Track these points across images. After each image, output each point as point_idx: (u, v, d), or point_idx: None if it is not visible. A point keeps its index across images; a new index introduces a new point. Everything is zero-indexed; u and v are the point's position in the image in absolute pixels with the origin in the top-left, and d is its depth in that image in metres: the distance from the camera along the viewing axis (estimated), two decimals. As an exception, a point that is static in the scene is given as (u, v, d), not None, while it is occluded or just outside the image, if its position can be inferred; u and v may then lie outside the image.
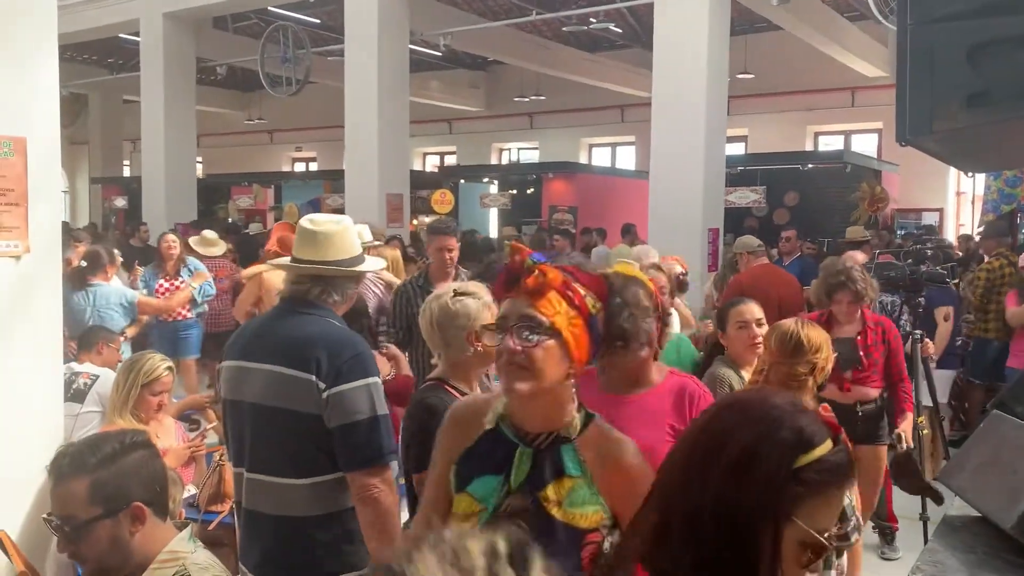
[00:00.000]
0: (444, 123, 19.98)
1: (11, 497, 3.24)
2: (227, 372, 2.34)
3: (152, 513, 1.85)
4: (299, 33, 11.76)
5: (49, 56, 3.35)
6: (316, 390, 2.13)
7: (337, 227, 2.38)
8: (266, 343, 2.26)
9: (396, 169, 11.13)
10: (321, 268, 2.32)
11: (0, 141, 3.19)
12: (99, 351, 4.26)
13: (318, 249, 2.34)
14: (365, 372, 2.16)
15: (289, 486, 2.16)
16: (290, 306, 2.32)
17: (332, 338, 2.21)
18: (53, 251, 3.42)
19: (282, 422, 2.17)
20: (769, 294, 5.70)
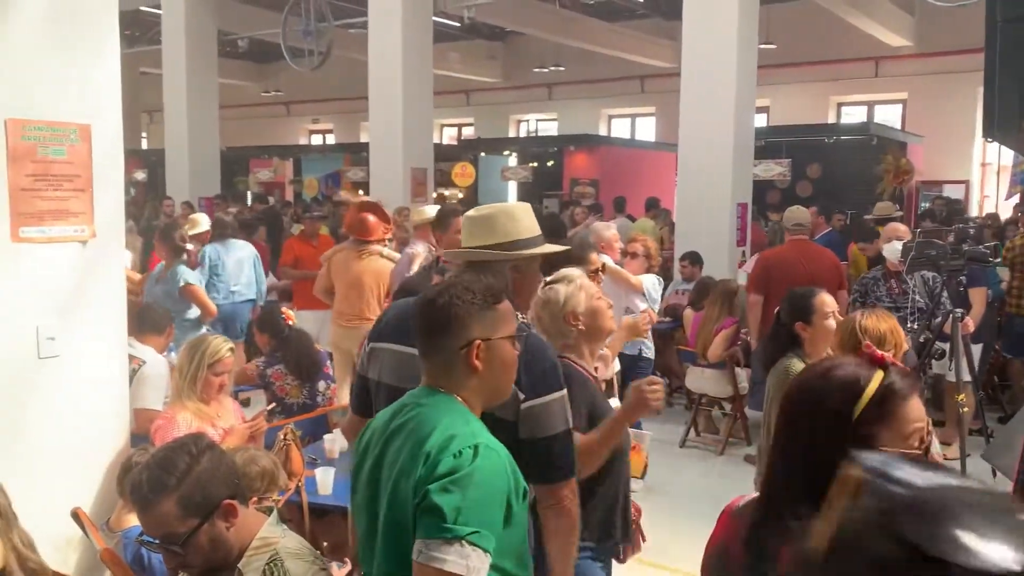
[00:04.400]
0: (462, 94, 19.89)
1: (82, 475, 3.35)
2: (389, 356, 2.26)
3: (239, 504, 1.93)
4: (321, 6, 11.70)
5: (111, 44, 3.39)
6: (515, 398, 2.04)
7: (487, 212, 2.35)
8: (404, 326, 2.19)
9: (420, 143, 11.13)
10: (474, 252, 2.30)
11: (67, 128, 3.25)
12: (168, 333, 4.32)
13: (472, 235, 2.32)
14: (556, 384, 2.12)
15: None
16: None
17: (526, 344, 2.05)
18: (117, 235, 3.49)
19: None
20: (796, 270, 5.70)
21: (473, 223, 2.36)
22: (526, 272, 2.33)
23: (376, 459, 1.72)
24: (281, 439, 3.29)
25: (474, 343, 1.72)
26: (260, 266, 7.32)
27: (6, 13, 3.05)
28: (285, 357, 4.48)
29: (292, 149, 20.21)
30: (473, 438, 1.61)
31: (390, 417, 1.76)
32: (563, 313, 2.61)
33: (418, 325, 1.79)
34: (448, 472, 1.55)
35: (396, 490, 1.63)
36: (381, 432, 1.75)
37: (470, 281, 1.83)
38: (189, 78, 13.01)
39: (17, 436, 3.15)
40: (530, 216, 2.37)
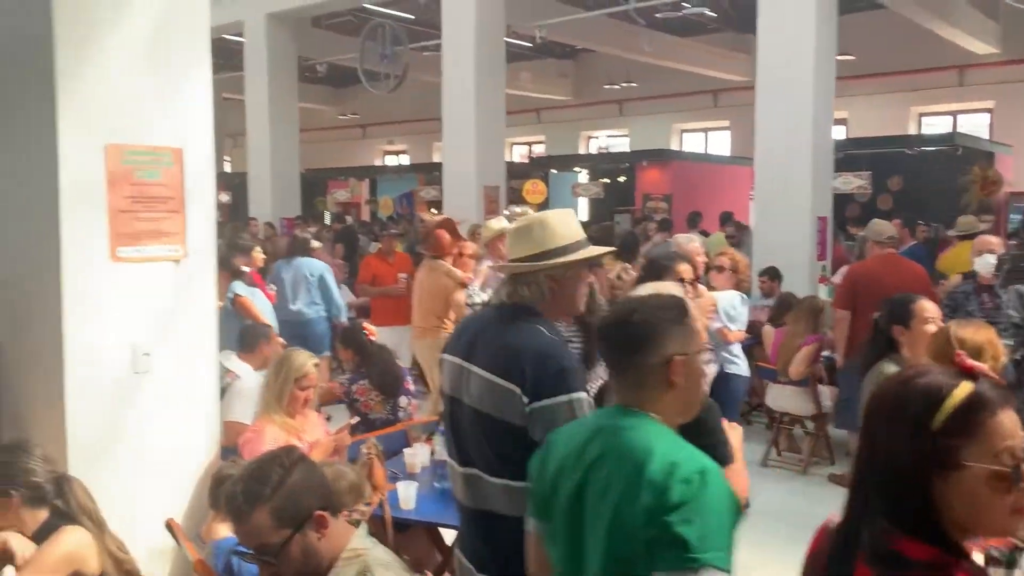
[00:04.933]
0: (532, 112, 20.02)
1: (174, 487, 3.46)
2: (448, 367, 2.38)
3: (330, 515, 1.97)
4: (397, 30, 11.96)
5: (204, 71, 3.53)
6: (521, 403, 2.14)
7: (523, 223, 2.38)
8: (482, 346, 2.29)
9: (492, 161, 11.24)
10: (510, 266, 2.35)
11: (161, 152, 3.39)
12: (260, 350, 4.45)
13: (512, 247, 2.36)
14: (566, 387, 2.14)
15: (503, 486, 2.21)
16: (504, 310, 2.34)
17: (536, 347, 2.18)
18: (208, 254, 3.61)
19: (496, 428, 2.21)
20: (884, 284, 5.51)
21: (512, 236, 2.41)
22: (564, 280, 2.33)
23: (578, 485, 1.70)
24: (364, 453, 3.34)
25: (673, 359, 1.71)
26: (330, 284, 7.36)
27: (106, 45, 3.21)
28: (369, 373, 4.55)
29: (368, 170, 20.64)
30: (696, 463, 1.59)
31: (584, 442, 1.73)
32: None
33: (612, 343, 1.78)
34: (682, 501, 1.53)
35: (617, 519, 1.60)
36: (577, 457, 1.73)
37: (659, 297, 1.84)
38: (271, 103, 13.43)
39: (114, 448, 3.28)
40: (565, 223, 2.37)
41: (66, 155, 3.11)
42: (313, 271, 7.28)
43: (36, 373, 3.26)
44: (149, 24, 3.33)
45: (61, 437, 3.10)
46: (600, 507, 1.64)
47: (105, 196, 3.22)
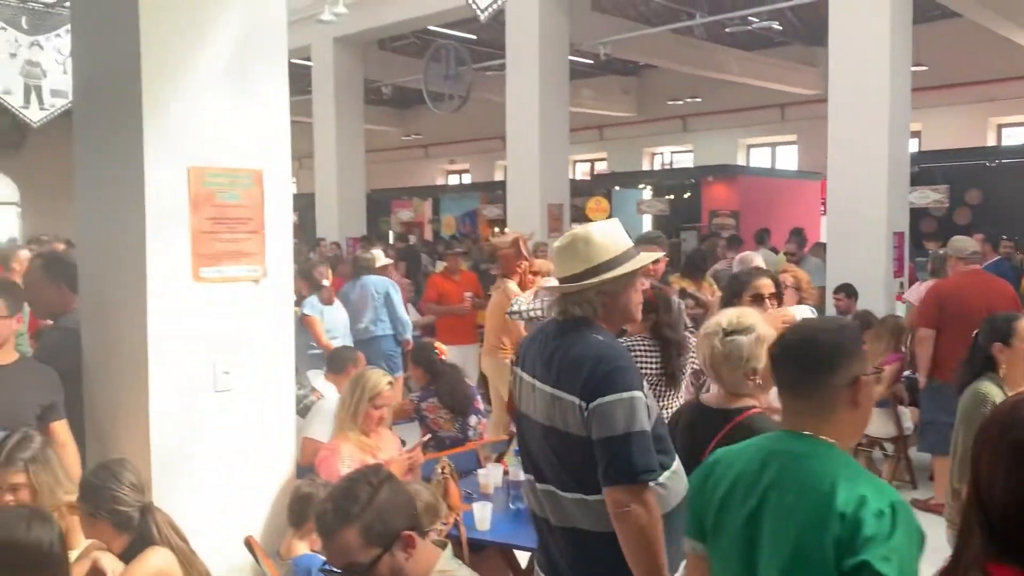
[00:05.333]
0: (595, 130, 19.97)
1: (252, 504, 3.49)
2: (519, 384, 2.40)
3: (417, 535, 1.95)
4: (460, 50, 12.08)
5: (282, 94, 3.60)
6: (580, 411, 2.14)
7: (566, 241, 2.37)
8: (544, 361, 2.29)
9: (556, 178, 11.24)
10: (558, 287, 2.36)
11: (241, 174, 3.46)
12: (348, 372, 4.52)
13: (558, 266, 2.37)
14: (622, 386, 2.13)
15: (580, 501, 2.19)
16: (563, 323, 2.34)
17: (592, 354, 2.19)
18: (286, 274, 3.66)
19: (561, 441, 2.21)
20: (971, 302, 5.32)
21: (557, 254, 2.39)
22: (615, 292, 2.31)
23: (753, 510, 1.69)
24: (439, 472, 3.33)
25: (859, 379, 1.71)
26: (396, 301, 7.38)
27: (188, 72, 3.29)
28: (439, 391, 4.56)
29: (431, 189, 20.83)
30: (884, 496, 1.60)
31: (758, 466, 1.73)
32: (744, 369, 2.53)
33: (797, 364, 1.76)
34: (875, 535, 1.54)
35: (801, 547, 1.61)
36: (751, 481, 1.72)
37: (834, 319, 1.91)
38: (338, 125, 13.70)
39: (195, 465, 3.33)
40: (610, 235, 2.33)
41: (152, 178, 3.19)
42: (378, 289, 7.34)
43: (123, 391, 3.34)
44: (229, 51, 3.40)
45: (146, 454, 3.16)
46: (780, 533, 1.64)
47: (188, 218, 3.29)
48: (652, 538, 2.09)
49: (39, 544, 2.18)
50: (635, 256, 2.33)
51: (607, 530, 2.14)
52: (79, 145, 3.62)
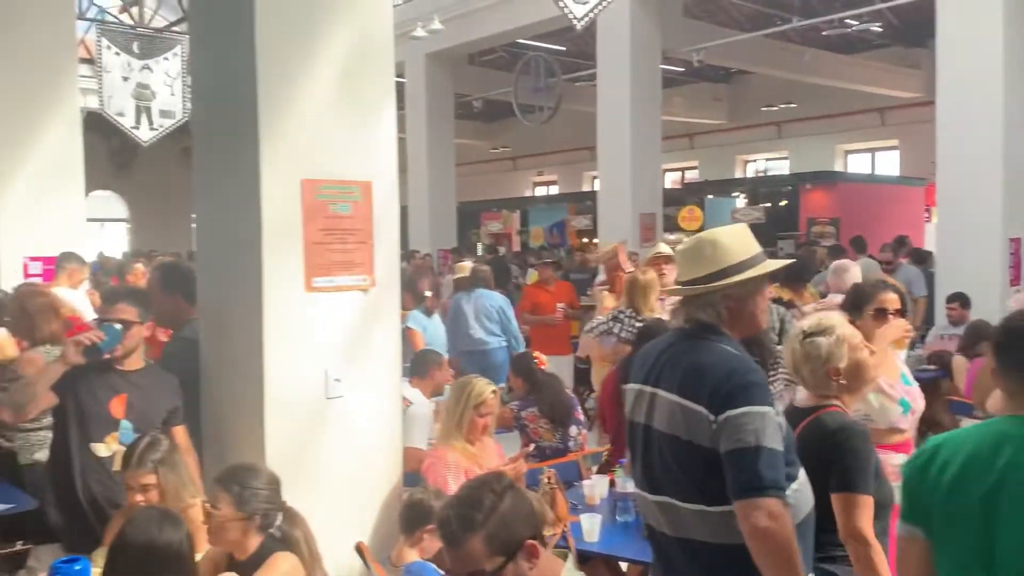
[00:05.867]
0: (685, 138, 19.74)
1: (362, 510, 3.55)
2: (630, 394, 2.36)
3: (540, 545, 1.93)
4: (550, 62, 12.13)
5: (389, 109, 3.67)
6: (708, 422, 2.09)
7: (692, 243, 2.34)
8: (667, 369, 2.25)
9: (648, 188, 11.15)
10: (682, 289, 2.30)
11: (352, 186, 3.53)
12: (432, 376, 4.57)
13: (682, 269, 2.33)
14: (751, 399, 2.07)
15: (700, 512, 2.14)
16: (687, 331, 2.30)
17: (722, 365, 2.14)
18: (393, 284, 3.72)
19: (684, 452, 2.16)
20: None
21: (681, 257, 2.36)
22: (743, 297, 2.25)
23: (990, 491, 1.71)
24: (545, 483, 3.31)
25: None
26: (510, 315, 7.35)
27: (302, 89, 3.39)
28: (539, 400, 4.55)
29: (519, 201, 20.95)
30: None
31: (991, 450, 1.74)
32: (824, 369, 2.57)
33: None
34: None
35: None
36: (986, 464, 1.73)
37: None
38: (429, 139, 13.94)
39: (307, 471, 3.40)
40: (739, 238, 2.29)
41: (267, 191, 3.29)
42: (493, 302, 7.31)
43: (240, 397, 3.44)
44: (340, 67, 3.49)
45: (261, 459, 3.23)
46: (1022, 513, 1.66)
47: (301, 229, 3.38)
48: (786, 550, 2.01)
49: (170, 544, 2.26)
50: (763, 262, 2.28)
51: (728, 542, 2.08)
52: (198, 160, 3.77)
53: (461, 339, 7.27)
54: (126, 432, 3.16)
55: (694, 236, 2.39)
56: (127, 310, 3.19)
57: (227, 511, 2.50)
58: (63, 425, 3.21)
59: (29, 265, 6.64)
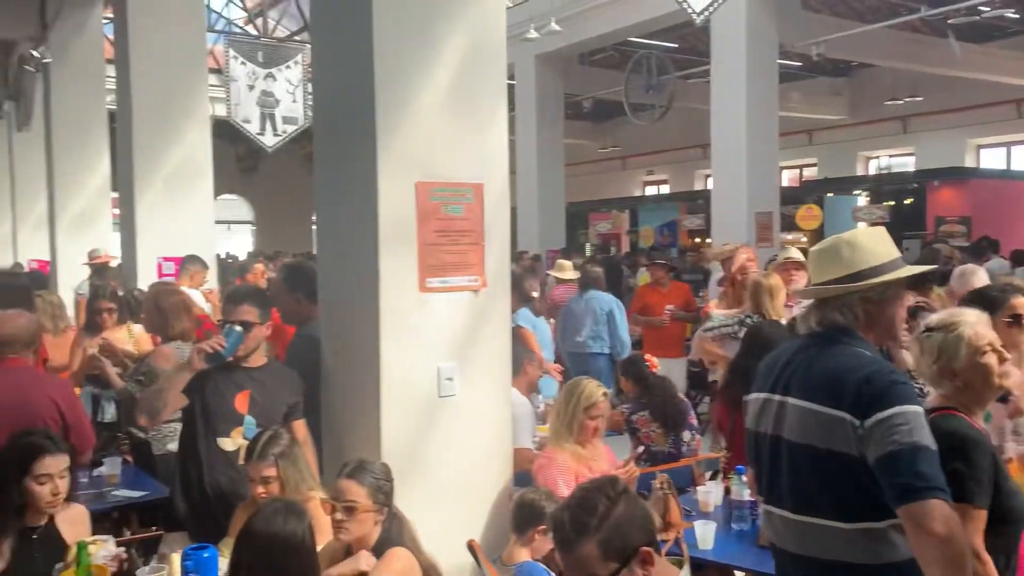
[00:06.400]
0: (803, 135, 19.07)
1: (473, 509, 3.58)
2: (755, 403, 2.30)
3: (654, 551, 1.89)
4: (663, 59, 11.96)
5: (501, 111, 3.69)
6: (851, 428, 2.00)
7: (828, 244, 2.26)
8: (798, 376, 2.18)
9: (764, 186, 10.82)
10: (817, 289, 2.23)
11: (464, 188, 3.57)
12: (525, 373, 4.59)
13: (816, 271, 2.25)
14: (900, 399, 1.98)
15: (833, 529, 2.06)
16: (820, 335, 2.21)
17: (862, 367, 2.05)
18: (503, 284, 3.75)
19: (819, 462, 2.07)
20: None
21: (816, 258, 2.28)
22: (881, 302, 2.16)
23: None
24: (658, 488, 3.26)
25: None
26: (618, 320, 7.24)
27: (417, 93, 3.45)
28: (650, 404, 4.49)
29: (628, 201, 20.76)
30: None
31: None
32: (937, 367, 2.32)
33: None
34: None
35: None
36: None
37: None
38: (539, 140, 14.00)
39: (420, 467, 3.46)
40: (878, 241, 2.22)
41: (384, 194, 3.37)
42: (603, 306, 7.22)
43: (357, 393, 3.54)
44: (455, 71, 3.53)
45: (377, 456, 3.31)
46: None
47: (415, 231, 3.45)
48: (962, 556, 1.89)
49: (293, 535, 2.34)
50: (902, 266, 2.18)
51: (863, 562, 1.98)
52: (318, 164, 3.90)
53: (568, 340, 7.25)
54: (250, 427, 3.31)
55: (831, 236, 2.31)
56: (249, 311, 3.34)
57: (366, 503, 2.59)
58: (191, 420, 3.39)
59: (163, 265, 7.05)
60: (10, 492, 2.78)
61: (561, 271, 8.18)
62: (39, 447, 2.84)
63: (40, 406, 3.32)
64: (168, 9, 7.28)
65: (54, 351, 5.34)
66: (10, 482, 2.78)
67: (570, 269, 8.27)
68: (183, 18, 7.40)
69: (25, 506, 2.80)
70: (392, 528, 2.69)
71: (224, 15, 15.57)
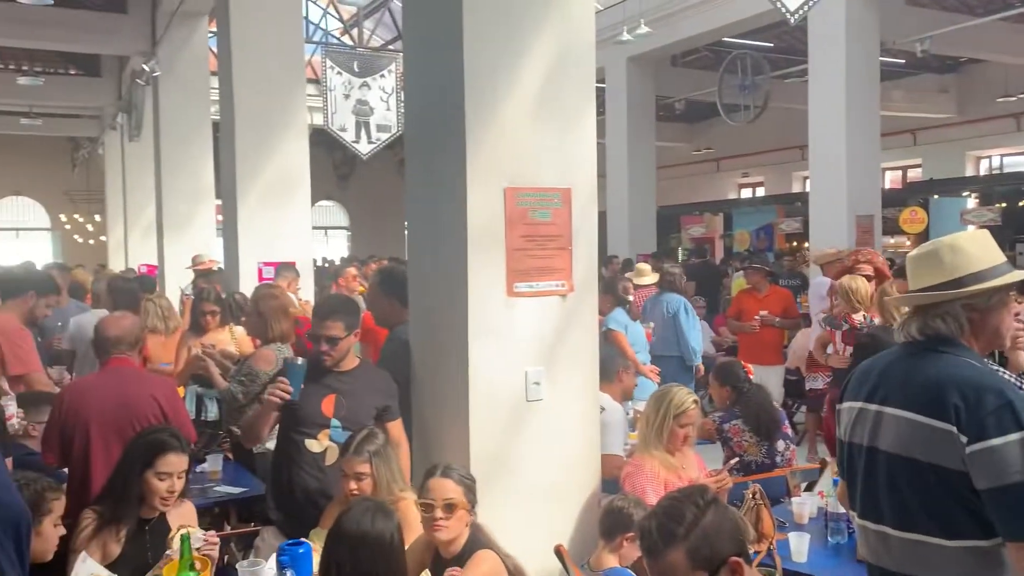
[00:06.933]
0: (907, 134, 18.30)
1: (561, 514, 3.57)
2: (848, 413, 2.22)
3: (744, 562, 1.84)
4: (758, 59, 11.69)
5: (589, 116, 3.69)
6: (958, 443, 1.91)
7: (929, 248, 2.16)
8: (896, 385, 2.09)
9: (865, 188, 10.43)
10: (916, 296, 2.13)
11: (552, 193, 3.58)
12: (619, 379, 4.55)
13: (915, 276, 2.15)
14: (1012, 425, 1.87)
15: (935, 547, 1.97)
16: (921, 343, 2.12)
17: (972, 382, 1.94)
18: (591, 289, 3.73)
19: (920, 476, 1.99)
20: None
21: (915, 263, 2.17)
22: (986, 309, 2.06)
23: None
24: (750, 498, 3.18)
25: None
26: (682, 323, 7.06)
27: (505, 96, 3.47)
28: (745, 412, 4.38)
29: (722, 204, 20.34)
30: None
31: None
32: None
33: None
34: None
35: None
36: None
37: None
38: (629, 143, 13.87)
39: (507, 471, 3.48)
40: (981, 245, 2.10)
41: (473, 199, 3.41)
42: (670, 307, 7.12)
43: (446, 397, 3.58)
44: (543, 76, 3.54)
45: (466, 459, 3.35)
46: None
47: (503, 236, 3.47)
48: None
49: (382, 534, 2.39)
50: (1009, 271, 2.07)
51: None
52: (409, 170, 3.97)
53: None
54: (336, 429, 3.39)
55: (932, 241, 2.20)
56: (334, 327, 3.43)
57: (463, 501, 2.63)
58: (283, 423, 3.50)
59: (263, 269, 7.31)
60: (133, 483, 2.92)
61: (640, 276, 8.07)
62: (165, 444, 2.97)
63: (143, 404, 3.47)
64: (269, 22, 7.55)
65: (164, 350, 5.61)
66: (134, 474, 2.93)
67: (649, 273, 8.16)
68: (283, 31, 7.66)
69: (143, 499, 2.94)
70: (477, 531, 2.71)
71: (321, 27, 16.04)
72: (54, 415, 3.47)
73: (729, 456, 4.28)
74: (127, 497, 2.91)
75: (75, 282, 8.40)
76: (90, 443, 3.38)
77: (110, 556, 2.85)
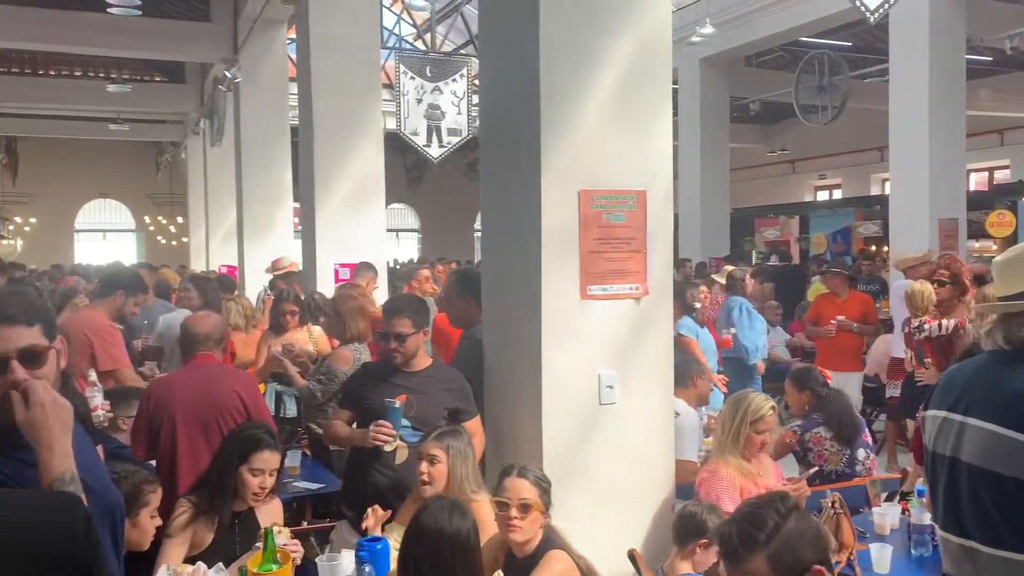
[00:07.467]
0: (994, 135, 17.61)
1: (634, 518, 3.56)
2: (932, 422, 2.17)
3: (826, 571, 1.81)
4: (836, 59, 11.41)
5: (665, 118, 3.66)
6: None
7: (1014, 253, 2.09)
8: (982, 395, 2.03)
9: (949, 190, 10.07)
10: (1001, 304, 2.06)
11: (626, 196, 3.56)
12: (694, 385, 4.50)
13: (1001, 283, 2.08)
14: None
15: (1018, 563, 1.91)
16: (1008, 353, 2.05)
17: None
18: (666, 292, 3.70)
19: (1003, 489, 1.93)
20: None
21: (1001, 268, 2.10)
22: None
23: None
24: (829, 507, 3.11)
25: None
26: (734, 321, 6.99)
27: (581, 98, 3.48)
28: (826, 418, 4.27)
29: (798, 206, 19.91)
30: None
31: None
32: None
33: None
34: None
35: None
36: None
37: None
38: (703, 145, 13.70)
39: (581, 474, 3.47)
40: None
41: (547, 201, 3.42)
42: (726, 308, 7.15)
43: (521, 397, 3.60)
44: (618, 80, 3.53)
45: (538, 461, 3.36)
46: None
47: (577, 238, 3.47)
48: None
49: (459, 532, 2.42)
50: None
51: None
52: (484, 173, 4.01)
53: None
54: (406, 429, 3.44)
55: (1018, 245, 2.13)
56: (401, 323, 3.50)
57: (538, 502, 2.66)
58: (357, 422, 3.57)
59: (340, 270, 7.47)
60: (228, 477, 3.02)
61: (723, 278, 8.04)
62: (261, 441, 3.07)
63: (226, 398, 3.58)
64: (345, 29, 7.71)
65: (245, 348, 5.79)
66: (230, 468, 3.03)
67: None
68: (359, 37, 7.82)
69: (236, 492, 3.04)
70: (551, 533, 2.72)
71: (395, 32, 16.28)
72: (142, 409, 3.61)
73: (809, 467, 4.17)
74: (221, 490, 3.01)
75: (160, 281, 8.71)
76: (176, 436, 3.51)
77: (201, 544, 2.95)
